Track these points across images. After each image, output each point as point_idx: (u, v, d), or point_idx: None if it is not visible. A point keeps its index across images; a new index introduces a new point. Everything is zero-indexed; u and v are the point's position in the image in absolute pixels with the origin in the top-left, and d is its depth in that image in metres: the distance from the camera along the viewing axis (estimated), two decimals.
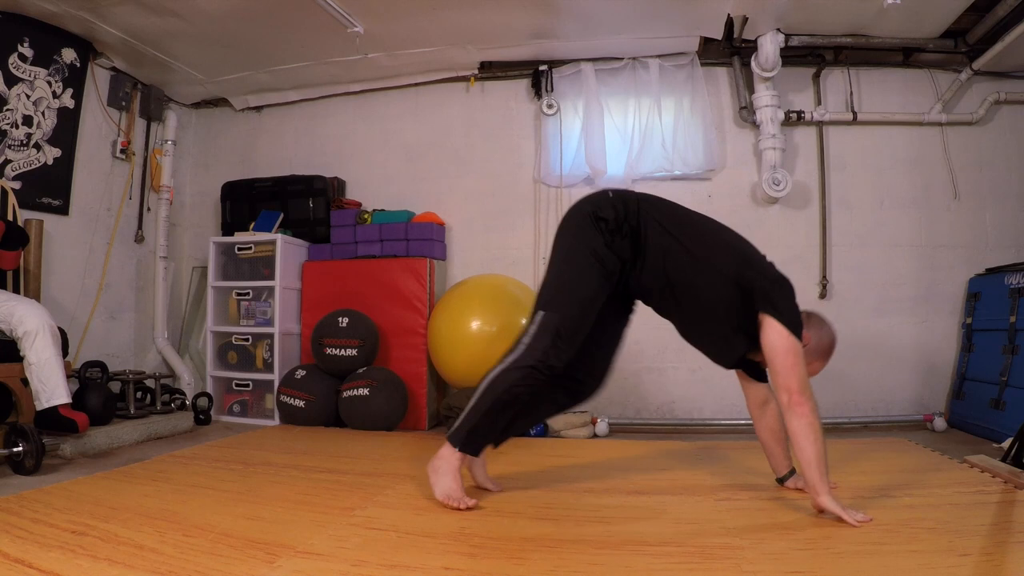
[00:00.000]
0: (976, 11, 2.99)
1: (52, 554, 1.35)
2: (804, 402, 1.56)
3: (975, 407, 3.01)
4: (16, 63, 3.01)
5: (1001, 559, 1.30)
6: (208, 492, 1.92)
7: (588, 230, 1.73)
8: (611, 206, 1.74)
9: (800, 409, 1.56)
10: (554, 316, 1.69)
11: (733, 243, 1.77)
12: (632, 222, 1.73)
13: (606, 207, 1.74)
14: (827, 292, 3.39)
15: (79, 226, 3.39)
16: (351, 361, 3.19)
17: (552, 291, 1.74)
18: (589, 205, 1.78)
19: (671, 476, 2.16)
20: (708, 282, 1.71)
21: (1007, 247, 3.30)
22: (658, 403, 3.44)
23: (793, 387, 1.57)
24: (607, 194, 1.80)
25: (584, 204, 1.81)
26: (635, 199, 1.79)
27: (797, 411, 1.56)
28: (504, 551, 1.42)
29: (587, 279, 1.72)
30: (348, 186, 3.91)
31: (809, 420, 1.55)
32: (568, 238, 1.78)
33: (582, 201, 1.84)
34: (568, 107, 3.60)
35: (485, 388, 1.72)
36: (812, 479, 1.56)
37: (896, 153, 3.42)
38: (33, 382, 2.30)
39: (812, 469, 1.55)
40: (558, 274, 1.76)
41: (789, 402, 1.58)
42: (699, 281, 1.72)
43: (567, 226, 1.81)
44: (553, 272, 1.78)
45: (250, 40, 3.35)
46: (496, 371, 1.71)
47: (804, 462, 1.57)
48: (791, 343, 1.59)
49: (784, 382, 1.59)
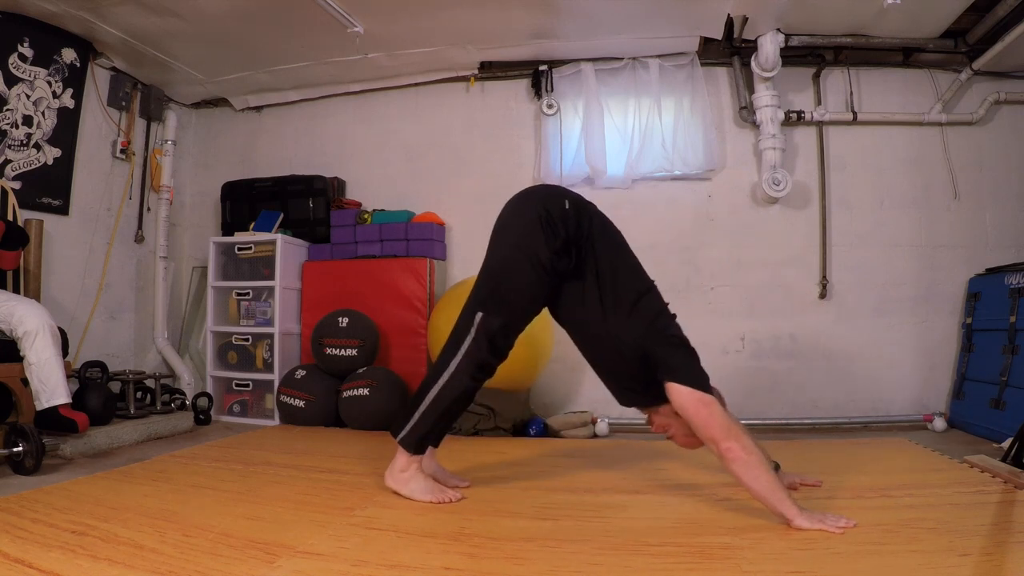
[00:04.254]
0: (976, 11, 2.99)
1: (52, 554, 1.35)
2: (732, 447, 1.54)
3: (975, 407, 3.01)
4: (16, 63, 3.01)
5: (1001, 559, 1.30)
6: (208, 492, 1.92)
7: (536, 235, 1.67)
8: (564, 222, 1.68)
9: (731, 455, 1.55)
10: (494, 320, 1.69)
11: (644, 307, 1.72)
12: (581, 247, 1.70)
13: (558, 222, 1.68)
14: (827, 292, 3.39)
15: (79, 226, 3.39)
16: (351, 361, 3.19)
17: (491, 291, 1.72)
18: (541, 208, 1.70)
19: (671, 476, 2.16)
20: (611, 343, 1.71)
21: (1007, 247, 3.30)
22: None
23: (717, 436, 1.56)
24: (563, 203, 1.72)
25: (536, 203, 1.73)
26: (589, 223, 1.74)
27: (728, 457, 1.55)
28: (504, 551, 1.42)
29: (529, 288, 1.70)
30: (348, 186, 3.91)
31: (743, 461, 1.54)
32: (512, 236, 1.72)
33: (534, 197, 1.77)
34: (568, 107, 3.60)
35: (436, 395, 1.73)
36: (775, 510, 1.55)
37: (896, 153, 3.42)
38: (33, 382, 2.30)
39: (770, 502, 1.54)
40: (499, 274, 1.72)
41: (719, 451, 1.57)
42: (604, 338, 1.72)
43: (514, 222, 1.74)
44: (494, 270, 1.74)
45: (250, 40, 3.35)
46: (444, 377, 1.72)
47: (760, 500, 1.57)
48: (698, 397, 1.59)
49: (707, 434, 1.58)
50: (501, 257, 1.75)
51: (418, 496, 1.79)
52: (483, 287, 1.75)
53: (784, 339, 3.40)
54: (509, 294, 1.71)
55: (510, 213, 1.78)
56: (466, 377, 1.71)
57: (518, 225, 1.73)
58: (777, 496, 1.53)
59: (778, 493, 1.53)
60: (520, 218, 1.74)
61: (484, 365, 1.72)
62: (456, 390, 1.73)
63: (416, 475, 1.81)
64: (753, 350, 3.41)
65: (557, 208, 1.71)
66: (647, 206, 3.53)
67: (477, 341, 1.69)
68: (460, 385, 1.72)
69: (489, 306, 1.71)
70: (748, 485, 1.56)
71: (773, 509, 1.55)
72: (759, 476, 1.54)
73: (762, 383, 3.37)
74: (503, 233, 1.76)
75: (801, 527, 1.51)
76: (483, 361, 1.71)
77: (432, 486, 1.80)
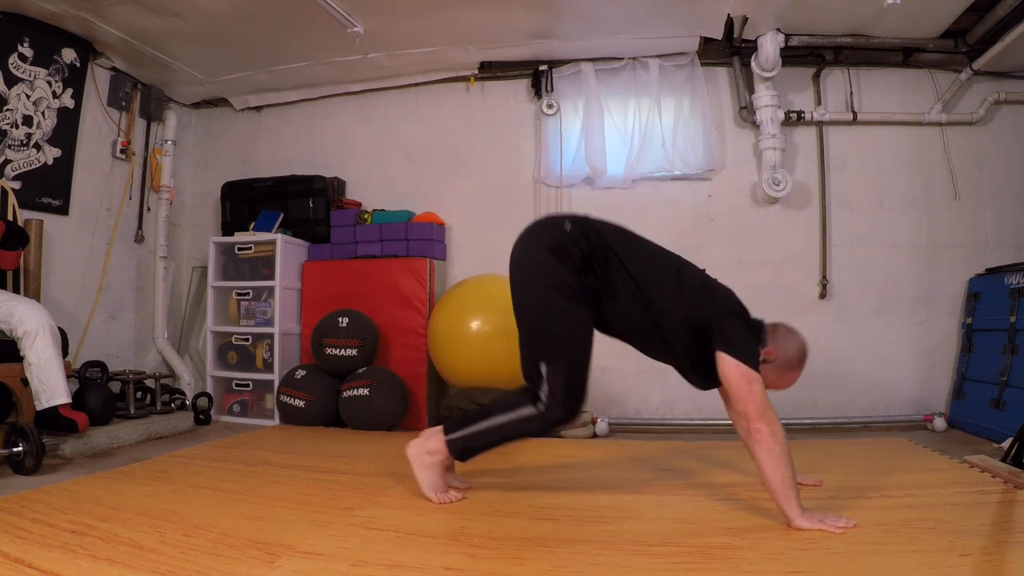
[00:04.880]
0: (976, 11, 2.99)
1: (52, 554, 1.35)
2: (762, 428, 1.56)
3: (975, 407, 3.01)
4: (16, 63, 3.01)
5: (1001, 559, 1.30)
6: (208, 492, 1.92)
7: (554, 266, 1.69)
8: (574, 242, 1.70)
9: (758, 436, 1.56)
10: (561, 365, 1.69)
11: (687, 279, 1.74)
12: (599, 257, 1.72)
13: (569, 244, 1.70)
14: (827, 292, 3.39)
15: (79, 226, 3.39)
16: (351, 361, 3.19)
17: (541, 339, 1.72)
18: (548, 238, 1.73)
19: (671, 476, 2.16)
20: (665, 325, 1.72)
21: (1007, 247, 3.30)
22: (658, 403, 3.44)
23: (751, 414, 1.58)
24: (564, 227, 1.74)
25: (539, 238, 1.76)
26: (596, 232, 1.75)
27: (756, 437, 1.57)
28: (504, 551, 1.42)
29: (574, 319, 1.71)
30: (348, 186, 3.91)
31: (768, 446, 1.55)
32: (535, 277, 1.73)
33: (535, 234, 1.79)
34: (568, 107, 3.60)
35: (503, 424, 1.73)
36: (780, 505, 1.56)
37: (896, 153, 3.42)
38: (33, 382, 2.30)
39: (778, 496, 1.56)
40: (542, 319, 1.72)
41: (748, 428, 1.60)
42: (656, 324, 1.72)
43: (529, 264, 1.76)
44: (534, 318, 1.74)
45: (250, 40, 3.35)
46: (518, 414, 1.72)
47: (770, 490, 1.58)
48: (744, 372, 1.60)
49: (742, 408, 1.60)
50: (535, 303, 1.75)
51: (424, 486, 1.80)
52: (533, 339, 1.74)
53: None
54: (559, 334, 1.71)
55: (520, 260, 1.80)
56: (541, 423, 1.71)
57: (534, 266, 1.75)
58: (787, 493, 1.54)
59: (788, 490, 1.54)
60: (533, 259, 1.75)
61: (563, 420, 1.72)
62: (525, 431, 1.74)
63: (437, 467, 1.81)
64: None
65: (561, 233, 1.73)
66: (647, 206, 3.53)
67: (554, 394, 1.68)
68: (532, 429, 1.73)
69: (549, 354, 1.70)
70: (764, 472, 1.57)
71: (779, 504, 1.56)
72: (777, 467, 1.55)
73: None
74: (525, 281, 1.78)
75: (801, 527, 1.52)
76: (562, 417, 1.70)
77: (440, 484, 1.82)
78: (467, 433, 1.76)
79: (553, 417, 1.69)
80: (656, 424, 3.36)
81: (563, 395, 1.68)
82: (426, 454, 1.80)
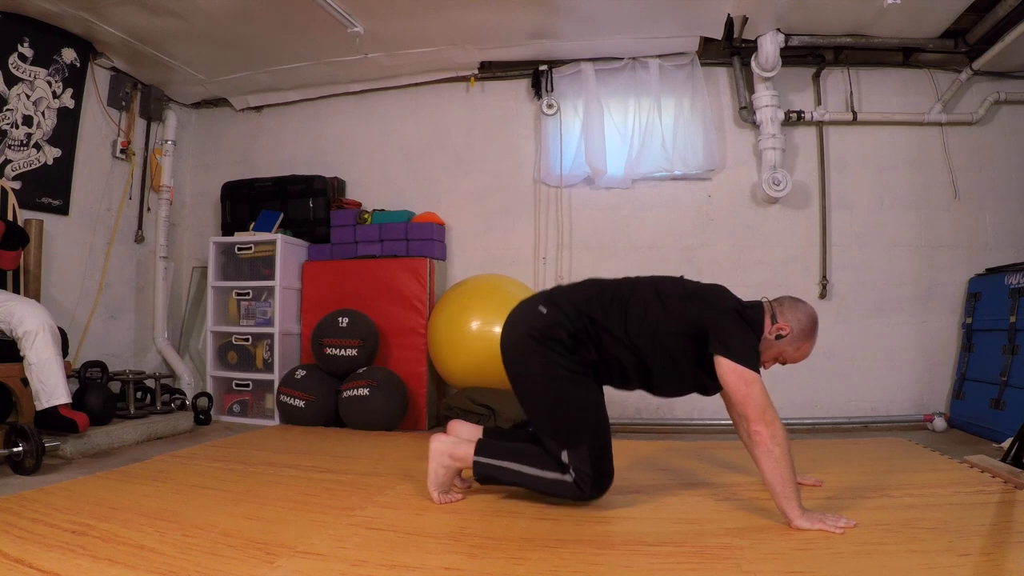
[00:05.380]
0: (976, 11, 2.99)
1: (52, 554, 1.35)
2: (761, 430, 1.56)
3: (975, 407, 3.01)
4: (16, 63, 3.01)
5: (1001, 559, 1.30)
6: (208, 492, 1.92)
7: (548, 356, 1.71)
8: (557, 325, 1.71)
9: (758, 437, 1.57)
10: (582, 450, 1.69)
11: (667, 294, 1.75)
12: (584, 328, 1.72)
13: (553, 328, 1.71)
14: (827, 292, 3.39)
15: (79, 226, 3.39)
16: (351, 361, 3.19)
17: (554, 428, 1.72)
18: (528, 328, 1.74)
19: (671, 476, 2.16)
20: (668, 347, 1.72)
21: (1007, 247, 3.30)
22: (658, 403, 3.43)
23: (750, 416, 1.58)
24: (540, 312, 1.76)
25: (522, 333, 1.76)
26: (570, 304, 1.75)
27: (755, 439, 1.58)
28: (504, 551, 1.42)
29: (584, 401, 1.73)
30: (348, 186, 3.91)
31: (768, 447, 1.55)
32: (534, 368, 1.74)
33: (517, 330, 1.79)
34: (568, 107, 3.60)
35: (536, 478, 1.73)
36: (780, 506, 1.57)
37: (896, 153, 3.42)
38: (33, 382, 2.30)
39: (778, 497, 1.56)
40: (552, 411, 1.73)
41: (748, 430, 1.60)
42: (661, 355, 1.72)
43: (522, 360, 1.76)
44: (544, 409, 1.74)
45: (250, 40, 3.35)
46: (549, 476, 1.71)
47: (770, 490, 1.58)
48: (741, 373, 1.60)
49: (742, 411, 1.61)
50: (538, 394, 1.75)
51: (430, 481, 1.81)
52: (546, 430, 1.74)
53: None
54: (572, 421, 1.71)
55: (511, 353, 1.80)
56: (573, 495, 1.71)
57: (527, 359, 1.75)
58: (787, 493, 1.54)
59: (788, 491, 1.54)
60: (524, 351, 1.76)
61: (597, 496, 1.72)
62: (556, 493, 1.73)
63: (451, 471, 1.82)
64: None
65: (539, 320, 1.74)
66: (647, 206, 3.53)
67: (583, 477, 1.69)
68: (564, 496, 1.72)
69: (567, 443, 1.70)
70: (764, 473, 1.57)
71: (779, 504, 1.57)
72: (777, 469, 1.55)
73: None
74: (522, 374, 1.78)
75: (801, 528, 1.52)
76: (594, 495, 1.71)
77: (447, 485, 1.83)
78: (498, 466, 1.76)
79: (586, 496, 1.70)
80: (656, 424, 3.36)
81: (592, 474, 1.69)
82: (449, 457, 1.80)
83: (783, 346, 1.74)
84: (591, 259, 3.58)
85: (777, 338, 1.72)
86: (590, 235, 3.59)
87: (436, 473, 1.81)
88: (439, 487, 1.81)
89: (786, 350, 1.75)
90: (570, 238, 3.61)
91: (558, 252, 3.61)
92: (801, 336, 1.75)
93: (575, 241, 3.60)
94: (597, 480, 1.70)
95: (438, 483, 1.81)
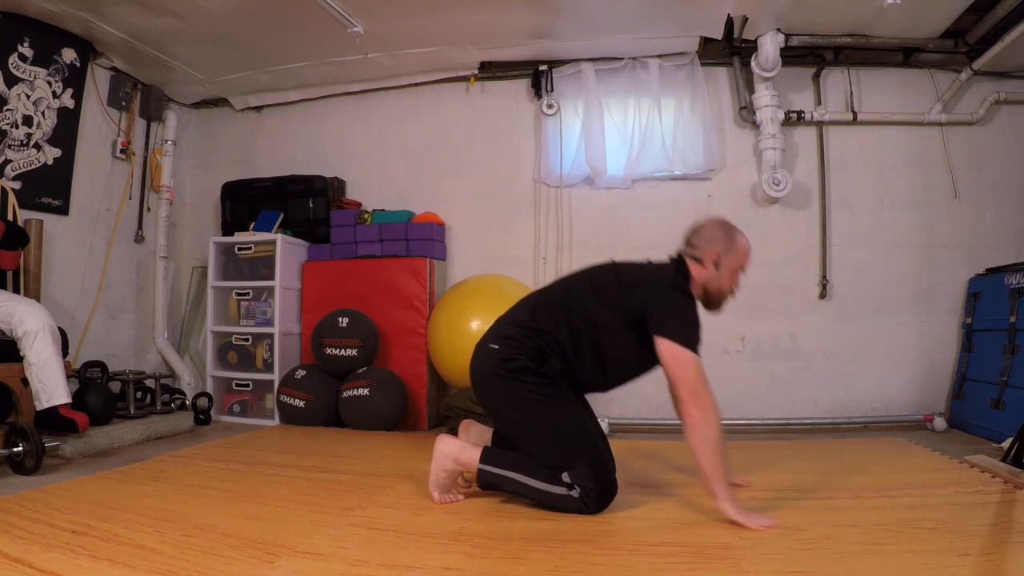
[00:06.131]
0: (976, 11, 2.99)
1: (52, 554, 1.35)
2: (694, 411, 1.58)
3: (975, 407, 3.01)
4: (16, 63, 3.01)
5: (1001, 559, 1.30)
6: (208, 492, 1.92)
7: (516, 385, 1.73)
8: (511, 355, 1.74)
9: (690, 420, 1.59)
10: (581, 467, 1.68)
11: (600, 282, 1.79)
12: (541, 344, 1.74)
13: (514, 357, 1.74)
14: (827, 292, 3.39)
15: (79, 226, 3.39)
16: (351, 361, 3.19)
17: (552, 453, 1.71)
18: (489, 368, 1.77)
19: (671, 476, 2.16)
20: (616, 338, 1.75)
21: (1007, 247, 3.30)
22: (658, 403, 3.43)
23: (684, 396, 1.60)
24: (492, 348, 1.79)
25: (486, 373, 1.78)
26: (515, 327, 1.78)
27: (687, 421, 1.60)
28: (504, 551, 1.42)
29: (568, 418, 1.74)
30: (348, 186, 3.91)
31: (699, 427, 1.58)
32: (508, 402, 1.76)
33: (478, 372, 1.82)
34: (568, 107, 3.60)
35: (540, 491, 1.71)
36: (707, 485, 1.59)
37: (896, 153, 3.42)
38: (33, 382, 2.30)
39: (705, 475, 1.59)
40: (538, 437, 1.73)
41: (682, 410, 1.62)
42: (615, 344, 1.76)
43: (494, 394, 1.79)
44: (531, 436, 1.74)
45: (250, 40, 3.35)
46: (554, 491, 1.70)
47: (697, 468, 1.61)
48: (677, 353, 1.62)
49: (676, 391, 1.64)
50: (522, 424, 1.76)
51: (432, 480, 1.81)
52: (543, 456, 1.73)
53: (784, 339, 3.40)
54: (561, 442, 1.71)
55: (487, 398, 1.83)
56: (577, 510, 1.70)
57: (502, 397, 1.77)
58: (713, 474, 1.58)
59: (715, 471, 1.58)
60: (495, 390, 1.78)
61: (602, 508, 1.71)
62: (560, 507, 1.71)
63: (453, 473, 1.82)
64: (753, 350, 3.41)
65: (495, 356, 1.77)
66: (647, 206, 3.53)
67: (587, 493, 1.68)
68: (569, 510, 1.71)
69: (564, 463, 1.70)
70: (692, 451, 1.60)
71: (705, 484, 1.60)
72: (705, 447, 1.58)
73: (762, 383, 3.38)
74: (501, 411, 1.81)
75: (723, 511, 1.56)
76: (599, 509, 1.70)
77: (449, 486, 1.83)
78: (503, 475, 1.75)
79: (590, 511, 1.69)
80: (656, 424, 3.36)
81: (595, 488, 1.68)
82: (453, 460, 1.79)
83: (726, 267, 1.79)
84: (591, 259, 3.48)
85: (716, 266, 1.76)
86: (590, 235, 3.59)
87: (438, 475, 1.80)
88: (440, 487, 1.81)
89: (732, 264, 1.81)
90: (570, 238, 3.61)
91: (558, 252, 3.61)
92: (728, 243, 1.82)
93: (575, 241, 3.60)
94: (600, 497, 1.69)
95: (439, 483, 1.81)
